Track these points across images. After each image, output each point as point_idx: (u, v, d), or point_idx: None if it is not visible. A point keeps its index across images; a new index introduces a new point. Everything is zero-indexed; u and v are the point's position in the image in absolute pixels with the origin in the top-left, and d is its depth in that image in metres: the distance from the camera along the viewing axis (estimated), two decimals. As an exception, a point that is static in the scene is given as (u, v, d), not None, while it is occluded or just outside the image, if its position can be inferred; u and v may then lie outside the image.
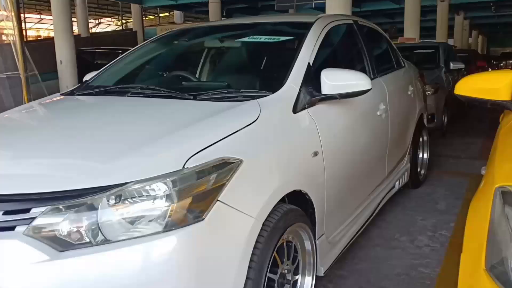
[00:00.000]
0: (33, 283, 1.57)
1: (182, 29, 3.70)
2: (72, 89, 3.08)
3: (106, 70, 3.27)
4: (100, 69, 3.27)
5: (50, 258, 1.57)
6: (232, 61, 3.38)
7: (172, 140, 1.90)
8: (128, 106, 2.48)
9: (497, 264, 1.32)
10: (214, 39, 3.55)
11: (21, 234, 1.61)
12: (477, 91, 2.15)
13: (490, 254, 1.35)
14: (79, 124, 2.26)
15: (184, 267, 1.66)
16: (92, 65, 14.23)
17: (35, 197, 1.66)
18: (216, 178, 1.79)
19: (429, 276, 3.00)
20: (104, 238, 1.62)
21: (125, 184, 1.67)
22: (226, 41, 3.46)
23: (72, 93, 2.98)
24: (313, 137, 2.44)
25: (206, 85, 2.77)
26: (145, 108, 2.38)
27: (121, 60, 3.37)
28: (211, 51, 3.51)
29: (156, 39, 3.56)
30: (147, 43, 3.54)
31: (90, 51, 15.17)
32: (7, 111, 2.77)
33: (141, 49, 3.49)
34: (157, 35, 13.85)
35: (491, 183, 1.54)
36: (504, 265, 1.30)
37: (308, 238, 2.35)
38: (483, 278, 1.31)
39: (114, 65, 3.32)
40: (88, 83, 3.13)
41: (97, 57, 15.42)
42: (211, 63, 3.44)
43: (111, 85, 3.01)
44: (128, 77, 3.23)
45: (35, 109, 2.77)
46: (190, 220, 1.69)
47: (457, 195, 4.61)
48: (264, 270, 1.95)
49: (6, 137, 2.26)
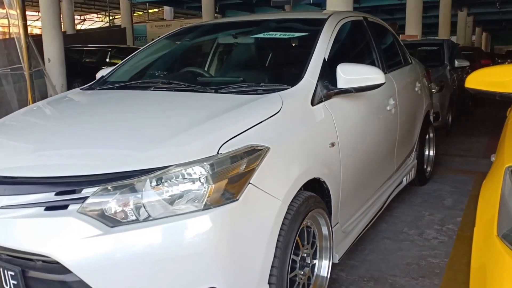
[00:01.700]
0: (88, 254, 1.84)
1: (195, 26, 3.99)
2: (90, 84, 3.35)
3: (120, 67, 3.54)
4: (115, 66, 3.54)
5: (103, 233, 1.85)
6: (248, 56, 3.67)
7: (205, 129, 2.18)
8: (155, 99, 2.77)
9: (508, 231, 1.59)
10: (229, 36, 3.84)
11: (75, 212, 1.88)
12: (487, 84, 2.44)
13: (501, 223, 1.62)
14: (117, 115, 2.56)
15: (221, 242, 1.94)
16: (80, 64, 14.44)
17: (85, 179, 1.94)
18: (247, 163, 2.07)
19: (438, 265, 3.29)
20: (148, 215, 1.90)
21: (167, 168, 1.94)
22: (242, 37, 3.75)
23: (91, 88, 3.25)
24: (330, 129, 2.73)
25: (226, 80, 3.04)
26: (173, 101, 2.67)
27: (135, 56, 3.65)
28: (227, 47, 3.80)
29: (170, 36, 3.85)
30: (161, 40, 3.82)
31: (77, 49, 15.35)
32: (37, 103, 3.05)
33: (155, 45, 3.78)
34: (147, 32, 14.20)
35: (501, 164, 1.82)
36: None
37: (325, 224, 2.64)
38: (496, 243, 1.58)
39: (127, 62, 3.60)
40: (105, 79, 3.39)
41: (85, 55, 15.60)
42: (228, 59, 3.73)
43: (126, 80, 3.29)
44: (143, 73, 3.51)
45: (67, 101, 3.06)
46: (226, 200, 1.96)
47: (463, 191, 4.92)
48: (289, 250, 2.23)
49: (52, 125, 2.57)
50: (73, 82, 13.07)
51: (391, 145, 3.78)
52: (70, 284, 1.85)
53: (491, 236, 1.60)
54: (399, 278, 3.10)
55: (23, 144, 2.37)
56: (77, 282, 1.84)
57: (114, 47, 16.07)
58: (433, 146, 5.31)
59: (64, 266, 1.84)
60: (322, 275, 2.65)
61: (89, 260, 1.84)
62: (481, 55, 15.72)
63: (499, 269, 1.54)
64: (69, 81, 12.12)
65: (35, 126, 2.66)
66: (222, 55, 3.78)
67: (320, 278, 2.64)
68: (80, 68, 13.94)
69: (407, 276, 3.12)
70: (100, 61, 15.18)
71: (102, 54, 15.34)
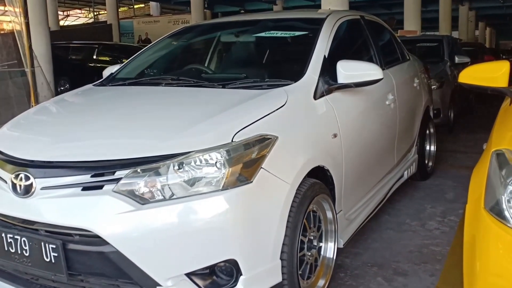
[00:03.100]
0: (122, 228, 2.22)
1: (198, 24, 4.39)
2: (101, 80, 3.75)
3: (127, 65, 3.92)
4: (122, 64, 3.92)
5: (136, 209, 2.22)
6: (252, 54, 4.06)
7: (219, 120, 2.55)
8: (169, 93, 3.17)
9: (494, 204, 1.95)
10: (232, 34, 4.23)
11: (110, 191, 2.26)
12: (478, 79, 2.81)
13: (488, 198, 1.98)
14: (138, 107, 2.96)
15: (237, 219, 2.31)
16: (65, 61, 14.74)
17: (118, 162, 2.32)
18: (258, 149, 2.44)
19: (440, 252, 3.65)
20: (173, 194, 2.26)
21: (188, 153, 2.31)
22: (245, 36, 4.15)
23: (103, 84, 3.65)
24: (332, 121, 3.10)
25: (232, 76, 3.41)
26: (186, 95, 3.06)
27: (141, 55, 4.04)
28: (231, 45, 4.19)
29: (173, 35, 4.25)
30: (165, 38, 4.23)
31: (63, 45, 15.63)
32: (59, 97, 3.50)
33: (160, 44, 4.19)
34: (134, 28, 14.64)
35: (489, 149, 2.19)
36: (499, 204, 1.93)
37: (330, 209, 3.01)
38: (483, 215, 1.95)
39: (133, 61, 4.00)
40: (113, 76, 3.77)
41: (71, 52, 15.91)
42: (232, 57, 4.13)
43: (134, 77, 3.69)
44: (149, 70, 3.90)
45: (86, 94, 3.48)
46: (241, 182, 2.33)
47: (465, 186, 5.19)
48: (298, 230, 2.60)
49: (79, 116, 3.00)
50: (59, 79, 13.37)
51: (391, 138, 4.15)
52: (107, 254, 2.22)
53: (479, 210, 1.96)
54: (402, 264, 3.45)
55: (56, 132, 2.77)
56: (113, 253, 2.20)
57: (101, 44, 16.42)
58: (434, 141, 5.69)
59: (102, 238, 2.20)
60: (328, 256, 3.02)
61: (123, 233, 2.21)
62: (484, 51, 16.11)
63: (486, 234, 1.92)
64: (55, 79, 12.40)
65: (64, 116, 3.12)
66: (227, 53, 4.20)
67: (326, 259, 3.02)
68: (66, 65, 14.23)
69: (409, 262, 3.48)
70: (87, 58, 15.52)
71: (88, 50, 15.68)
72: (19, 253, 2.39)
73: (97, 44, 16.13)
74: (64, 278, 2.31)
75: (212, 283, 2.34)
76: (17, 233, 2.39)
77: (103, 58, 15.75)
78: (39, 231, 2.37)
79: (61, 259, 2.29)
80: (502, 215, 1.86)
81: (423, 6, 17.95)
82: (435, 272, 3.33)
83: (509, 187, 1.87)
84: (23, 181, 2.38)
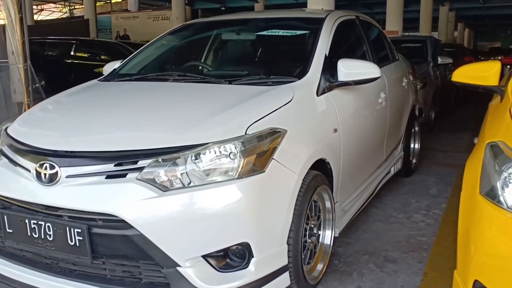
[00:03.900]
0: (146, 213, 2.46)
1: (201, 22, 4.63)
2: (104, 76, 3.97)
3: (129, 61, 4.16)
4: (124, 60, 4.15)
5: (158, 195, 2.47)
6: (254, 52, 4.35)
7: (233, 113, 2.82)
8: (180, 89, 3.42)
9: (489, 190, 2.23)
10: (232, 32, 4.50)
11: (134, 179, 2.50)
12: (471, 78, 3.12)
13: (483, 185, 2.26)
14: (153, 101, 3.20)
15: (251, 205, 2.57)
16: (42, 57, 14.71)
17: (140, 152, 2.57)
18: (270, 141, 2.71)
19: (426, 242, 3.98)
20: (192, 182, 2.51)
21: (205, 144, 2.56)
22: (247, 34, 4.41)
23: (107, 80, 3.88)
24: (333, 117, 3.39)
25: (237, 73, 3.66)
26: (196, 91, 3.32)
27: (142, 51, 4.29)
28: (233, 43, 4.47)
29: (173, 32, 4.49)
30: (165, 36, 4.47)
31: (39, 41, 15.56)
32: (71, 90, 3.70)
33: (159, 41, 4.42)
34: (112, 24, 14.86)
35: (482, 142, 2.49)
36: (494, 190, 2.20)
37: (329, 199, 3.30)
38: (479, 199, 2.22)
39: (135, 57, 4.25)
40: (117, 72, 4.01)
41: (47, 48, 15.82)
42: (235, 54, 4.40)
43: (135, 73, 3.94)
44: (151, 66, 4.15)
45: (98, 88, 3.70)
46: (254, 172, 2.59)
47: (447, 182, 5.65)
48: (303, 217, 2.88)
49: (97, 108, 3.22)
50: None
51: (381, 135, 4.47)
52: (131, 238, 2.45)
53: (475, 195, 2.25)
54: (391, 252, 3.77)
55: (75, 123, 2.99)
56: (137, 236, 2.44)
57: (79, 40, 16.40)
58: (419, 139, 6.04)
59: (126, 222, 2.44)
60: (326, 243, 3.33)
61: (146, 217, 2.45)
62: (464, 52, 16.60)
63: (481, 216, 2.18)
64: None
65: (80, 108, 3.32)
66: (229, 51, 4.47)
67: (324, 246, 3.32)
68: (42, 62, 14.17)
69: (398, 251, 3.80)
70: (64, 54, 15.46)
71: (66, 46, 15.62)
72: (43, 238, 2.61)
73: (75, 40, 16.10)
74: (88, 260, 2.54)
75: (226, 265, 2.61)
76: (41, 219, 2.60)
77: (81, 55, 15.67)
78: (62, 217, 2.58)
79: (86, 243, 2.51)
80: (497, 199, 2.14)
81: (405, 6, 18.22)
82: (422, 260, 3.65)
83: (503, 174, 2.16)
84: (48, 170, 2.59)
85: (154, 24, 26.53)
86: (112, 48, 16.47)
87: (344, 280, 3.35)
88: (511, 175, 2.14)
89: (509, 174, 2.15)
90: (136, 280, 2.57)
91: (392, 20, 16.92)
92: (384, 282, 3.33)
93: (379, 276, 3.40)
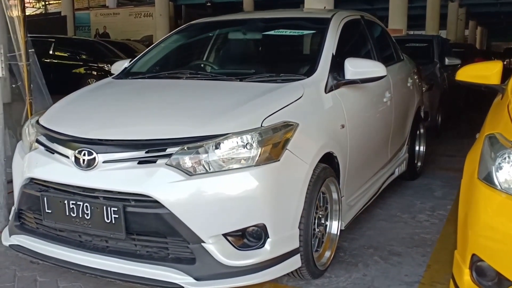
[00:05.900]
0: (175, 194, 3.09)
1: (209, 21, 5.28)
2: (117, 74, 4.58)
3: (138, 60, 4.82)
4: (135, 58, 4.79)
5: (185, 179, 3.10)
6: (263, 50, 5.03)
7: (249, 107, 3.45)
8: (195, 85, 4.06)
9: (486, 175, 2.79)
10: (240, 32, 5.15)
11: (164, 164, 3.13)
12: (474, 77, 3.70)
13: (481, 171, 2.83)
14: (173, 96, 3.86)
15: (267, 190, 3.19)
16: (18, 56, 15.20)
17: (169, 141, 3.20)
18: (284, 133, 3.32)
19: (430, 239, 4.59)
20: (214, 169, 3.14)
21: (226, 135, 3.18)
22: (254, 33, 5.05)
23: (120, 78, 4.51)
24: (340, 113, 4.02)
25: (248, 71, 4.29)
26: (212, 87, 3.97)
27: (151, 50, 4.94)
28: (240, 42, 5.11)
29: (180, 30, 5.15)
30: (173, 34, 5.12)
31: None
32: (95, 84, 4.39)
33: (168, 40, 5.06)
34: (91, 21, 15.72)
35: (482, 135, 3.06)
36: (490, 174, 2.76)
37: (336, 191, 3.92)
38: (477, 183, 2.79)
39: (144, 56, 4.91)
40: (128, 70, 4.63)
41: (25, 46, 16.33)
42: (244, 53, 5.05)
43: (145, 71, 4.56)
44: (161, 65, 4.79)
45: (119, 85, 4.35)
46: (270, 160, 3.21)
47: (453, 186, 6.26)
48: (313, 204, 3.50)
49: (123, 102, 3.91)
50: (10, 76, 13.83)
51: (386, 134, 5.10)
52: (162, 215, 3.08)
53: (474, 180, 2.83)
54: (396, 247, 4.38)
55: (107, 115, 3.67)
56: (167, 214, 3.06)
57: (58, 38, 16.95)
58: (424, 142, 6.68)
59: (158, 202, 3.07)
60: (333, 232, 3.96)
61: (175, 198, 3.08)
62: (475, 53, 16.93)
63: (478, 197, 2.74)
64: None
65: (106, 101, 3.99)
66: (238, 50, 5.15)
67: (331, 235, 3.95)
68: (18, 61, 14.68)
69: (402, 246, 4.41)
70: (42, 53, 16.00)
71: (44, 45, 16.13)
72: (80, 216, 3.23)
73: (53, 38, 16.63)
74: (122, 235, 3.17)
75: (244, 244, 3.23)
76: (79, 199, 3.23)
77: (60, 54, 16.30)
78: (98, 198, 3.21)
79: (121, 220, 3.13)
80: (492, 182, 2.71)
81: (409, 2, 18.16)
82: (426, 254, 4.27)
83: (498, 159, 2.73)
84: (86, 156, 3.23)
85: (136, 21, 27.28)
86: (92, 47, 17.06)
87: (350, 269, 3.96)
88: (504, 160, 2.72)
89: (502, 160, 2.73)
90: (164, 255, 3.19)
91: (395, 18, 17.08)
92: (388, 271, 3.94)
93: (384, 267, 4.02)
